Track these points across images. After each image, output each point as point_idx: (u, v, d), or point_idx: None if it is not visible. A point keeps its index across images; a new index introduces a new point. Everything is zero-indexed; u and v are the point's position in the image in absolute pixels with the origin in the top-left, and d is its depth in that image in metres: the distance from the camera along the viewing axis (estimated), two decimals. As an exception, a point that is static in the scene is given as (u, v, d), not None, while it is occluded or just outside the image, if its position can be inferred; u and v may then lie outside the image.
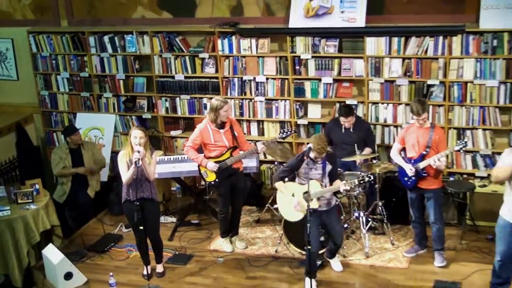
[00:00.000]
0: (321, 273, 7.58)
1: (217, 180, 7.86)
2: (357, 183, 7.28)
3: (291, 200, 7.29)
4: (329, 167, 7.23)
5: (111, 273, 7.55)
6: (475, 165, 8.77)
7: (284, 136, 8.06)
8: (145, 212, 7.31)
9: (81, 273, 7.71)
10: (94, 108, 10.36)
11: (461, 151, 7.78)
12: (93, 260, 8.29)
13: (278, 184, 7.39)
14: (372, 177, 7.34)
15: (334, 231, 7.36)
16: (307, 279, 7.20)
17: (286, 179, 7.47)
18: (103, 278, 7.69)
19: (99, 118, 10.26)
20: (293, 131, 8.38)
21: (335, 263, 7.69)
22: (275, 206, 8.85)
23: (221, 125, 7.80)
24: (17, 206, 8.23)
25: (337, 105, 9.11)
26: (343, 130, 8.49)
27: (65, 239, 8.81)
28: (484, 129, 8.61)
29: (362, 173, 7.58)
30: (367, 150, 8.45)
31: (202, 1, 9.61)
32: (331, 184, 7.22)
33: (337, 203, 7.64)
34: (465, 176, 8.81)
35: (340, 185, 7.17)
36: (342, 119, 8.45)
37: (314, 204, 7.10)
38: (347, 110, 8.45)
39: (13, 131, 10.40)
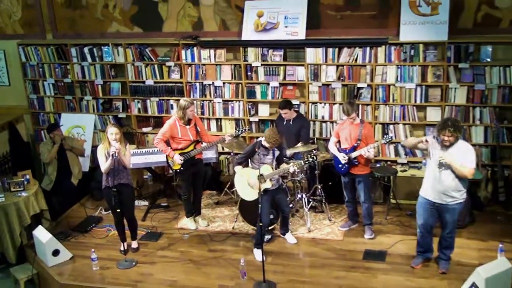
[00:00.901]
0: (271, 245, 7.62)
1: (181, 168, 7.85)
2: (302, 163, 7.30)
3: (250, 182, 7.33)
4: (277, 153, 7.28)
5: (92, 250, 7.46)
6: (397, 153, 8.89)
7: (239, 133, 8.08)
8: (122, 196, 7.33)
9: (66, 250, 7.63)
10: (76, 109, 10.20)
11: (387, 144, 7.86)
12: (77, 239, 8.18)
13: (237, 168, 7.40)
14: (315, 157, 7.33)
15: (282, 203, 7.48)
16: (256, 250, 7.26)
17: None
18: (86, 254, 7.60)
19: (81, 118, 10.09)
20: (247, 129, 8.37)
21: (289, 237, 7.74)
22: (232, 190, 8.90)
23: (188, 122, 7.80)
24: (10, 194, 8.16)
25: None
26: (285, 123, 8.51)
27: (53, 221, 8.70)
28: (404, 124, 8.73)
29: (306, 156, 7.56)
30: (298, 146, 8.35)
31: (168, 17, 9.54)
32: (278, 167, 7.27)
33: (283, 186, 7.68)
34: (389, 162, 8.92)
35: (290, 166, 7.21)
36: (279, 111, 8.46)
37: (268, 184, 7.16)
38: (283, 103, 8.42)
39: (6, 129, 10.21)
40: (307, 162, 7.30)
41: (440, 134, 6.34)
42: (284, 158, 7.72)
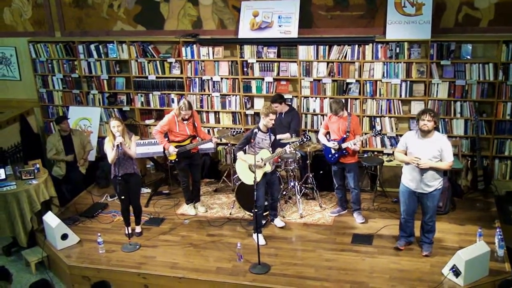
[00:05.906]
0: (265, 230, 7.58)
1: (176, 159, 7.88)
2: (298, 144, 7.28)
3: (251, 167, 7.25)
4: (272, 137, 7.25)
5: (98, 234, 7.44)
6: (383, 144, 8.88)
7: (234, 134, 8.18)
8: (130, 184, 7.35)
9: (74, 234, 7.61)
10: (83, 102, 10.14)
11: (375, 136, 7.78)
12: (84, 224, 8.14)
13: (239, 154, 7.31)
14: (309, 137, 7.34)
15: (274, 187, 7.45)
16: (255, 235, 7.20)
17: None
18: (92, 238, 7.57)
19: (87, 111, 10.05)
20: (241, 131, 8.37)
21: (278, 221, 7.72)
22: (229, 178, 8.87)
23: (186, 118, 7.80)
24: (21, 182, 8.10)
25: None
26: (277, 115, 8.44)
27: (61, 207, 8.65)
28: (390, 117, 8.71)
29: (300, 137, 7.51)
30: (286, 135, 8.29)
31: (169, 16, 9.47)
32: (273, 152, 7.22)
33: (277, 174, 7.63)
34: (376, 153, 8.91)
35: (286, 147, 7.16)
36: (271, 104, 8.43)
37: (268, 168, 7.11)
38: (274, 98, 8.42)
39: (18, 121, 10.16)
40: (302, 142, 7.26)
41: (421, 118, 6.35)
42: (280, 141, 7.69)
